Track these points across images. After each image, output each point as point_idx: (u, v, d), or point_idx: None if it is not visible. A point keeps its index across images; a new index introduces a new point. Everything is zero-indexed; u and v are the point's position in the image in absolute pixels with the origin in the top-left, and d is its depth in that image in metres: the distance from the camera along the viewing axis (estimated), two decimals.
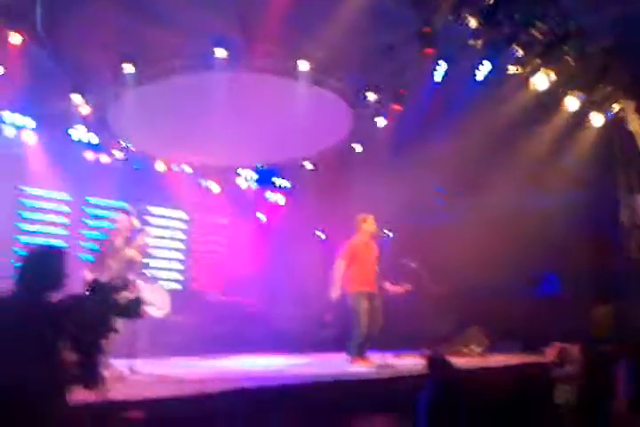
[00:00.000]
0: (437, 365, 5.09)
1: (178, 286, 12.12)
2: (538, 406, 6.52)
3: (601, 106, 8.88)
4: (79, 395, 3.49)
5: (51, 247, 3.73)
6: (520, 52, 7.97)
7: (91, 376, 3.51)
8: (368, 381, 6.11)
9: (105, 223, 10.83)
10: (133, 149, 11.04)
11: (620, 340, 5.81)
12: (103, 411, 3.66)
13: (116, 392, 3.84)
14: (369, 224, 7.59)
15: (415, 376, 6.09)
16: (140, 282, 6.41)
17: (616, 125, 9.06)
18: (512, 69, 8.27)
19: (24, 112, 9.49)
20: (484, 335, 9.04)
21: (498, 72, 8.49)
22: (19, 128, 9.62)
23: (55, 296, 3.42)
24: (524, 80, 8.49)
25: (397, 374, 6.42)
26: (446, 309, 10.03)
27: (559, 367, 6.56)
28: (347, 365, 7.22)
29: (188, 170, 12.23)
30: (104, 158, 10.88)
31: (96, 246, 7.14)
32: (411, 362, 8.16)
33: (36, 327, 3.20)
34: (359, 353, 7.33)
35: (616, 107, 8.80)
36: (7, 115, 9.38)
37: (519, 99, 8.99)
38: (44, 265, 3.46)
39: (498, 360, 8.07)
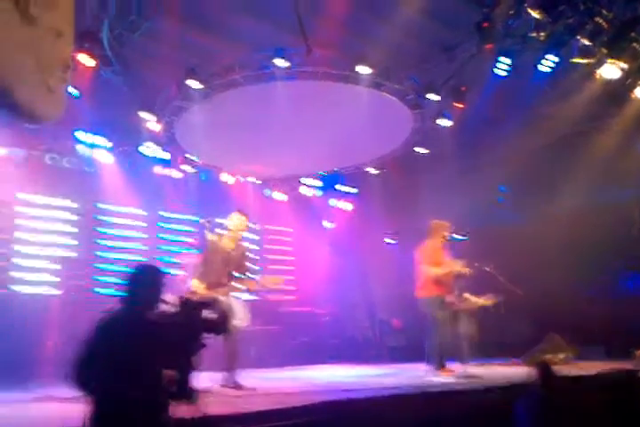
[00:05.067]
0: (546, 374, 4.90)
1: (251, 297, 12.26)
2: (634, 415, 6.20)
3: None
4: (177, 410, 3.53)
5: (153, 266, 3.74)
6: (586, 43, 7.72)
7: (186, 392, 3.60)
8: (456, 392, 5.79)
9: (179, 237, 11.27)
10: (200, 163, 11.32)
11: None
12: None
13: (211, 407, 3.88)
14: (444, 230, 7.48)
15: (509, 386, 5.81)
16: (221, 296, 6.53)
17: None
18: (578, 61, 8.02)
19: (97, 131, 9.88)
20: (565, 342, 8.64)
21: (563, 65, 8.26)
22: (93, 147, 10.03)
23: (151, 314, 3.49)
24: (591, 72, 8.23)
25: (487, 384, 6.09)
26: (522, 314, 9.71)
27: None
28: (427, 375, 6.99)
29: (254, 181, 12.42)
30: (175, 173, 11.23)
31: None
32: (494, 371, 7.74)
33: (140, 345, 3.27)
34: (440, 363, 7.06)
35: None
36: (82, 135, 9.79)
37: (587, 91, 8.72)
38: (149, 283, 3.52)
39: (585, 368, 7.61)
